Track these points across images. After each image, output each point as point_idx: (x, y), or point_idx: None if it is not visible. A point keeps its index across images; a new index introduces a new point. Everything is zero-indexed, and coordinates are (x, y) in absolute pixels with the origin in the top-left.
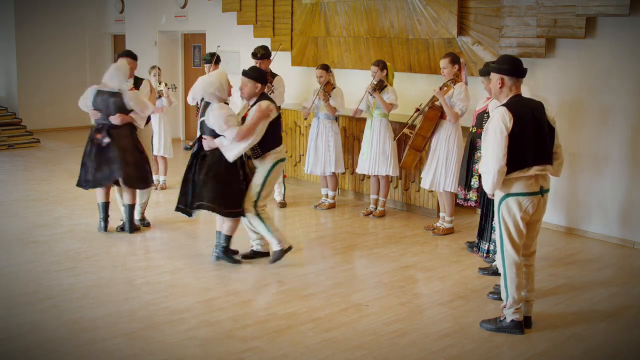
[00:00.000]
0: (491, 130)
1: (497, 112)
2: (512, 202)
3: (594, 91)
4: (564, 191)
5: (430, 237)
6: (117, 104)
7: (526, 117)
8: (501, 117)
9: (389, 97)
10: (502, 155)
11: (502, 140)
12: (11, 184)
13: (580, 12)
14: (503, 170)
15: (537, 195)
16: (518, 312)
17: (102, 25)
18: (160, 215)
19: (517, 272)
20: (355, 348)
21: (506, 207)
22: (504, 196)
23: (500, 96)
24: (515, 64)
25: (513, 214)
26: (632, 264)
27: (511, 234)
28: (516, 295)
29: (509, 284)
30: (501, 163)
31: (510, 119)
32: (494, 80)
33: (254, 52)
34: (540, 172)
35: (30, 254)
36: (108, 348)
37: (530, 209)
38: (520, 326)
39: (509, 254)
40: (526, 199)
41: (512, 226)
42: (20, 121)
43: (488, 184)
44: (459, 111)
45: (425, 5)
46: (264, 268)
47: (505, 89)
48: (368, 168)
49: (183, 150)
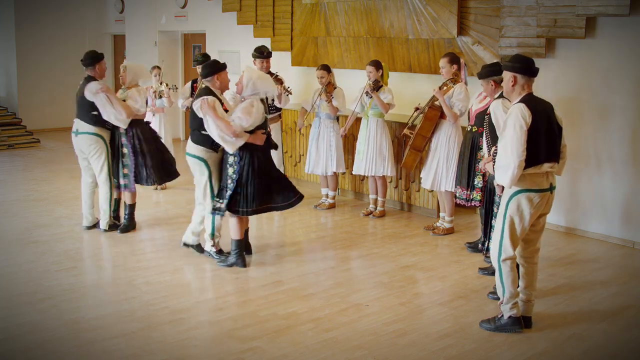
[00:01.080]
0: (510, 125)
1: (515, 108)
2: (524, 198)
3: (594, 91)
4: (564, 191)
5: (430, 237)
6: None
7: (541, 115)
8: (520, 112)
9: (386, 97)
10: (522, 150)
11: (521, 136)
12: (11, 184)
13: (580, 12)
14: (522, 164)
15: (547, 192)
16: (515, 308)
17: (102, 25)
18: (160, 215)
19: (511, 266)
20: (355, 348)
21: (517, 202)
22: (516, 191)
23: (512, 94)
24: (528, 63)
25: (522, 210)
26: (632, 264)
27: (515, 229)
28: (512, 290)
29: (504, 279)
30: (521, 157)
31: (529, 115)
32: (507, 78)
33: (261, 50)
34: (550, 169)
35: (30, 254)
36: (108, 348)
37: (541, 206)
38: (519, 322)
39: (506, 248)
40: (537, 196)
41: (518, 222)
42: (20, 121)
43: (507, 178)
44: (458, 111)
45: (425, 5)
46: (264, 268)
47: (517, 87)
48: (365, 169)
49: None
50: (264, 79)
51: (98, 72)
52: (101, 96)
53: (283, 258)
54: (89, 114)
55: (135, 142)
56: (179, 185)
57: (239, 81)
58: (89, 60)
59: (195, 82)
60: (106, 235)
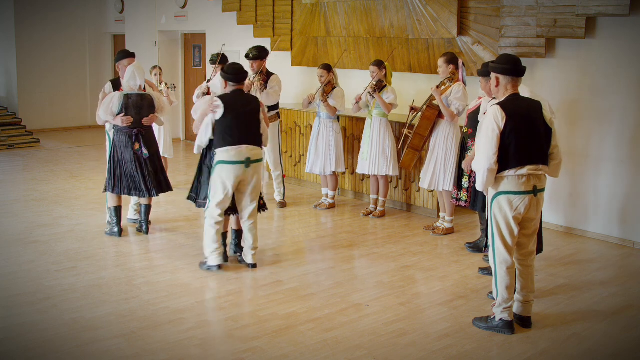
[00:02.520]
0: (484, 128)
1: (490, 111)
2: (504, 200)
3: (594, 91)
4: (564, 191)
5: (430, 237)
6: (149, 104)
7: (520, 116)
8: (494, 115)
9: (388, 97)
10: (493, 154)
11: (493, 139)
12: (11, 184)
13: (580, 12)
14: (493, 168)
15: (530, 195)
16: (507, 311)
17: (102, 25)
18: (160, 215)
19: (507, 272)
20: (355, 348)
21: (498, 205)
22: (495, 194)
23: (497, 95)
24: (512, 63)
25: (504, 213)
26: (632, 264)
27: (502, 232)
28: (505, 295)
29: (499, 282)
30: (491, 161)
31: (503, 118)
32: (492, 79)
33: (247, 53)
34: (533, 171)
35: (30, 254)
36: (108, 348)
37: (521, 208)
38: (510, 326)
39: (500, 252)
40: (518, 198)
41: (503, 225)
42: (20, 121)
43: (478, 182)
44: (455, 110)
45: (425, 5)
46: (264, 268)
47: (501, 88)
48: (368, 168)
49: (183, 150)
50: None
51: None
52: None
53: (283, 258)
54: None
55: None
56: (179, 186)
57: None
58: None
59: (209, 81)
60: (106, 235)
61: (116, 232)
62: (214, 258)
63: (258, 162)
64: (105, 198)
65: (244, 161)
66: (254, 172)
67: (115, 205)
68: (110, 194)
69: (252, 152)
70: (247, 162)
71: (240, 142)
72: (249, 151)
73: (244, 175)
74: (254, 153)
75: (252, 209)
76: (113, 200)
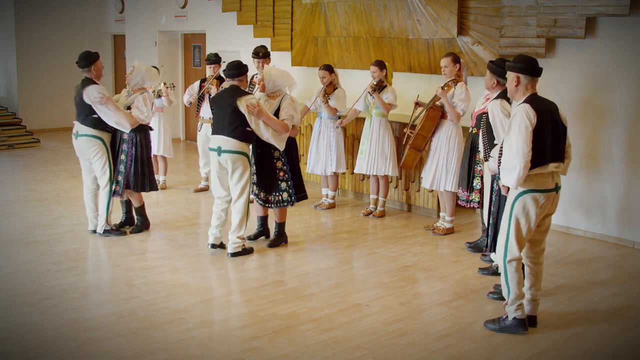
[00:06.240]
0: (515, 126)
1: (520, 109)
2: (529, 198)
3: (594, 91)
4: (564, 191)
5: (430, 237)
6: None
7: (546, 115)
8: (525, 113)
9: (387, 97)
10: (528, 151)
11: (527, 136)
12: (11, 184)
13: (580, 12)
14: (528, 165)
15: (553, 192)
16: (520, 309)
17: (102, 25)
18: (160, 215)
19: (517, 267)
20: (355, 348)
21: (522, 203)
22: (521, 192)
23: (516, 94)
24: (531, 63)
25: (528, 210)
26: (632, 264)
27: (521, 230)
28: (517, 291)
29: (509, 280)
30: (527, 158)
31: (534, 115)
32: (510, 79)
33: (256, 50)
34: (555, 169)
35: (30, 254)
36: (108, 348)
37: (546, 206)
38: (523, 324)
39: (512, 249)
40: (543, 196)
41: (524, 222)
42: (20, 121)
43: (513, 179)
44: (460, 111)
45: (425, 5)
46: (264, 268)
47: (521, 87)
48: (367, 168)
49: (182, 150)
50: (281, 75)
51: (94, 73)
52: (99, 107)
53: (283, 258)
54: (89, 117)
55: (138, 150)
56: (179, 185)
57: (260, 80)
58: (84, 62)
59: (203, 81)
60: (106, 235)
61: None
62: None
63: (229, 153)
64: (107, 198)
65: (215, 149)
66: (230, 161)
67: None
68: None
69: (225, 143)
70: (219, 151)
71: (216, 132)
72: (221, 141)
73: (219, 163)
74: (225, 144)
75: (235, 199)
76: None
